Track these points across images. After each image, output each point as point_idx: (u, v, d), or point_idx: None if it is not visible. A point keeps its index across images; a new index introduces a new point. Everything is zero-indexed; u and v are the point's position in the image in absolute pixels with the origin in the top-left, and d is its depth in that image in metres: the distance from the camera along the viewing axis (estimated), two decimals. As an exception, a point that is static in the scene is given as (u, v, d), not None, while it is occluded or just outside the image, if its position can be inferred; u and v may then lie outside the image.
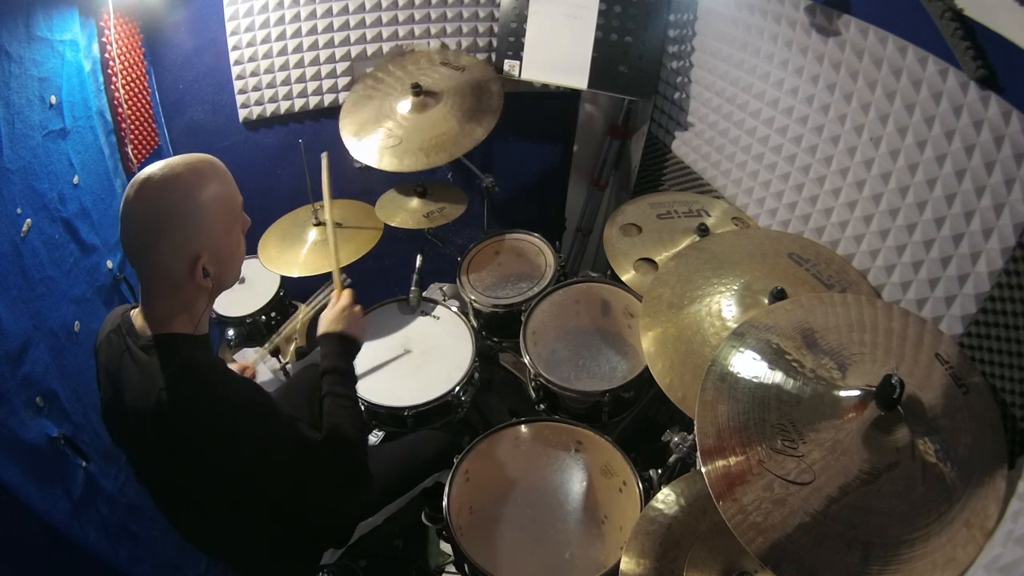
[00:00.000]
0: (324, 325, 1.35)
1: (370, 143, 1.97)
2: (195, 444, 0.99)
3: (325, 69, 2.21)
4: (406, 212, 2.05)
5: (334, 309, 1.37)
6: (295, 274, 1.87)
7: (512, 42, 2.09)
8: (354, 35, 2.17)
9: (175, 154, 2.32)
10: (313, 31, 2.14)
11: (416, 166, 1.91)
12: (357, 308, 1.39)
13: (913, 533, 0.96)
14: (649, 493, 1.39)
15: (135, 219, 1.00)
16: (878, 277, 1.43)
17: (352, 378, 1.31)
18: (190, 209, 1.01)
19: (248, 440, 1.02)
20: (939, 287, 1.28)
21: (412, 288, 1.97)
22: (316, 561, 1.42)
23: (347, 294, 1.41)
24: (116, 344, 1.08)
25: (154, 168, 1.02)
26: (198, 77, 2.17)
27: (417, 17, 2.18)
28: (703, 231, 1.72)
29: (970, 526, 0.98)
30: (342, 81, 2.24)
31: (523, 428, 1.60)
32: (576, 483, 1.49)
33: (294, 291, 2.19)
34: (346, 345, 1.33)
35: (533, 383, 1.77)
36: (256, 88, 2.20)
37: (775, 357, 1.16)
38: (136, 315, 1.09)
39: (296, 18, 2.11)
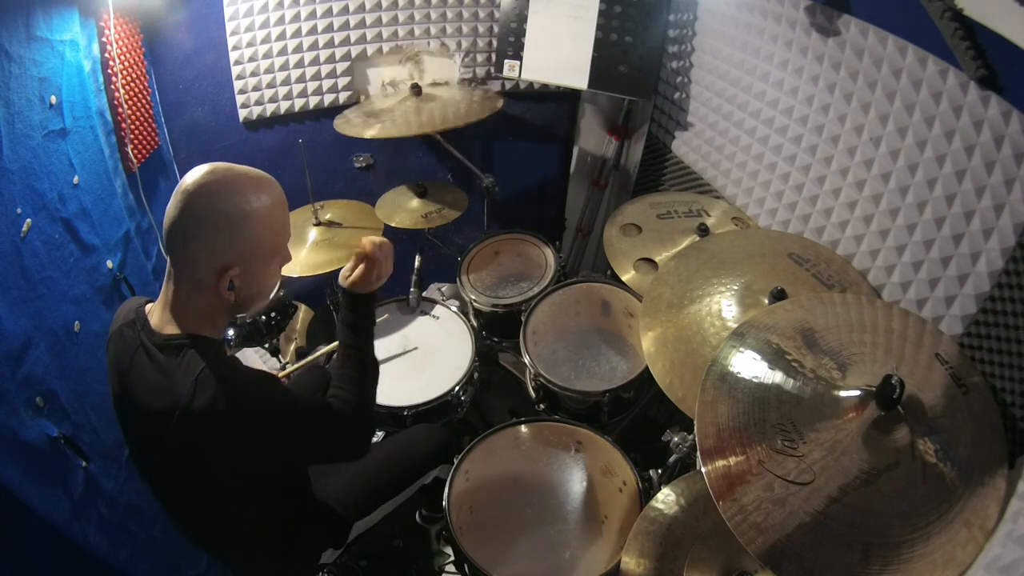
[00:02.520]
0: (343, 278, 1.25)
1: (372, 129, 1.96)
2: (223, 441, 1.00)
3: (325, 69, 2.21)
4: (406, 212, 2.05)
5: (351, 267, 1.24)
6: (295, 274, 1.87)
7: (512, 42, 2.09)
8: (354, 35, 2.18)
9: (175, 154, 2.34)
10: (313, 31, 2.14)
11: (408, 131, 1.90)
12: (381, 255, 1.24)
13: (913, 533, 0.96)
14: (649, 493, 1.39)
15: (187, 205, 0.99)
16: (878, 277, 1.43)
17: (363, 331, 1.23)
18: (239, 218, 1.00)
19: (274, 427, 1.05)
20: (939, 287, 1.28)
21: (412, 288, 1.97)
22: (315, 561, 1.42)
23: (364, 248, 1.23)
24: (130, 339, 1.07)
25: (218, 166, 1.02)
26: (198, 77, 2.17)
27: (417, 17, 2.18)
28: (703, 231, 1.72)
29: (970, 526, 0.98)
30: (342, 81, 2.24)
31: (523, 428, 1.60)
32: (576, 483, 1.49)
33: (294, 291, 2.19)
34: (357, 301, 1.24)
35: (533, 383, 1.77)
36: (256, 88, 2.20)
37: (775, 357, 1.16)
38: (153, 311, 1.08)
39: (296, 18, 2.11)
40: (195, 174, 1.01)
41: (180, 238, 1.01)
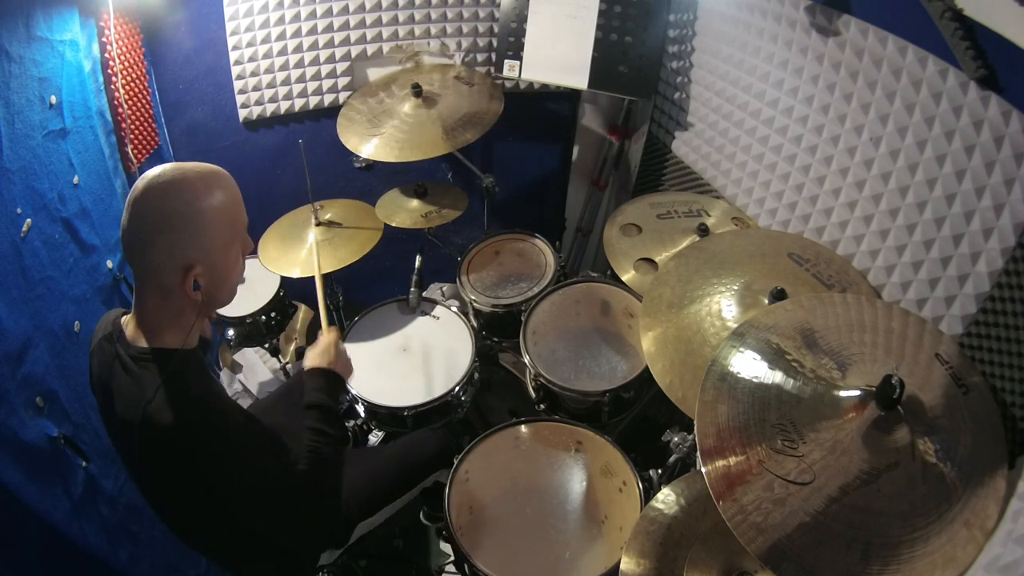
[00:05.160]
0: (309, 360, 1.33)
1: (371, 143, 1.97)
2: (174, 460, 1.00)
3: (325, 69, 2.21)
4: (406, 212, 2.05)
5: (319, 346, 1.35)
6: (295, 274, 1.87)
7: (512, 42, 2.09)
8: (354, 35, 2.17)
9: (175, 154, 2.34)
10: (313, 31, 2.14)
11: (418, 155, 1.90)
12: (343, 347, 1.39)
13: (913, 533, 0.96)
14: (649, 493, 1.39)
15: (136, 215, 1.00)
16: (878, 277, 1.43)
17: (337, 416, 1.26)
18: (191, 215, 1.00)
19: (223, 463, 1.01)
20: (939, 287, 1.28)
21: (412, 288, 1.97)
22: (314, 562, 1.42)
23: (332, 332, 1.39)
24: (107, 351, 1.08)
25: (164, 168, 1.02)
26: (198, 77, 2.17)
27: (417, 17, 2.18)
28: (703, 231, 1.72)
29: (970, 526, 0.98)
30: (342, 81, 2.24)
31: (523, 428, 1.60)
32: (576, 483, 1.49)
33: (294, 291, 2.19)
34: (332, 381, 1.30)
35: (533, 383, 1.77)
36: (256, 88, 2.20)
37: (775, 357, 1.16)
38: (127, 321, 1.09)
39: (296, 18, 2.11)
40: (142, 182, 1.01)
41: (137, 248, 1.01)
